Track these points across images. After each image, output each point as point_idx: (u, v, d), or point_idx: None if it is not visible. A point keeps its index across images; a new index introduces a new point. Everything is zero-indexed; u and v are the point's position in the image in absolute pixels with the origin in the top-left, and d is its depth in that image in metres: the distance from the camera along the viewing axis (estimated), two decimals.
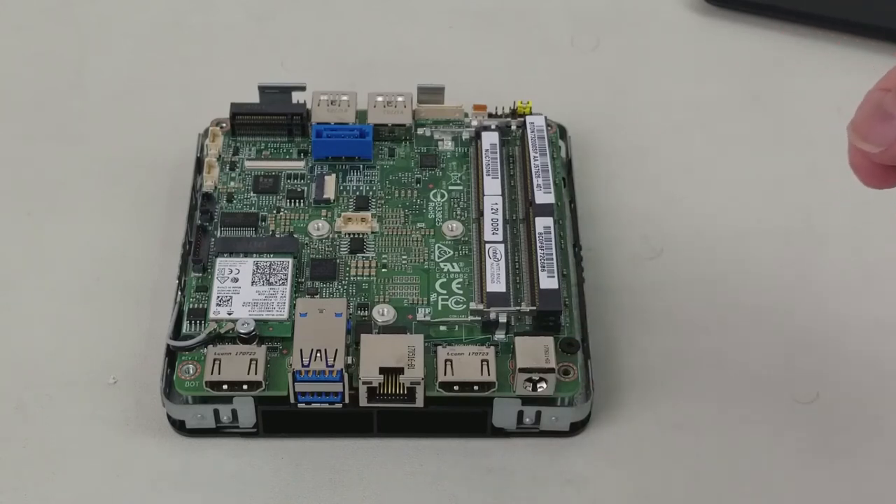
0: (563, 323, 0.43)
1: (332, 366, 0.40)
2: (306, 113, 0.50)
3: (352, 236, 0.46)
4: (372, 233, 0.47)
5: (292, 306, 0.43)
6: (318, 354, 0.41)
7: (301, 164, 0.49)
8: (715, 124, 0.55)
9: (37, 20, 0.59)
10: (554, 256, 0.44)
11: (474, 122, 0.50)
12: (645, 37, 0.59)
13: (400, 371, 0.41)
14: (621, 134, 0.54)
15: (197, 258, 0.45)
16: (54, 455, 0.42)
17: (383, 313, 0.44)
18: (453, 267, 0.46)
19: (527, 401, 0.42)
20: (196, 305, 0.44)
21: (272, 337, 0.43)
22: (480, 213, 0.46)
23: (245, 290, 0.44)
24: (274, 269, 0.45)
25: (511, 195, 0.48)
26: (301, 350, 0.41)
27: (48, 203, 0.51)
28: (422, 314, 0.44)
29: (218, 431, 0.43)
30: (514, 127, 0.50)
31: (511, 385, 0.42)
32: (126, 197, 0.51)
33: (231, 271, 0.45)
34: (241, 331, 0.42)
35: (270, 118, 0.50)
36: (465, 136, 0.50)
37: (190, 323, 0.43)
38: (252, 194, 0.48)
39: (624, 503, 0.42)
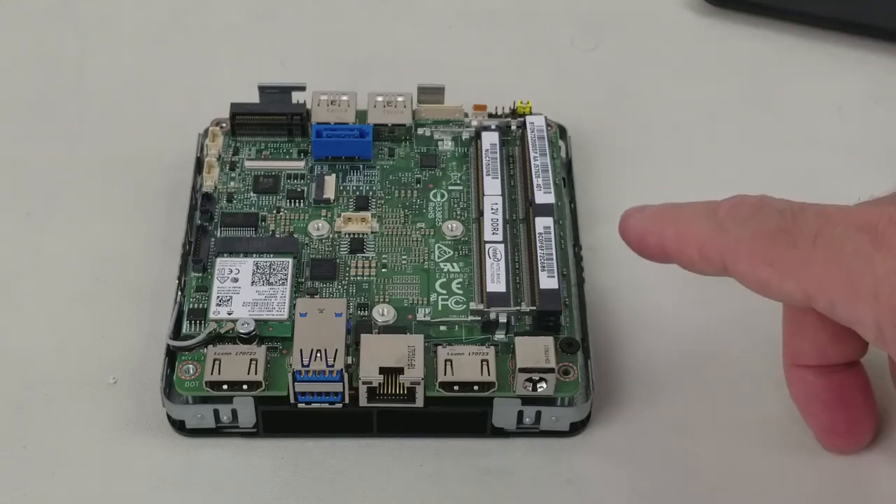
0: (563, 323, 0.43)
1: (332, 366, 0.40)
2: (306, 113, 0.50)
3: (352, 236, 0.47)
4: (372, 233, 0.47)
5: (292, 306, 0.43)
6: (318, 354, 0.41)
7: (301, 164, 0.49)
8: (715, 124, 0.55)
9: (37, 20, 0.59)
10: (554, 256, 0.44)
11: (474, 122, 0.50)
12: (645, 37, 0.59)
13: (400, 371, 0.41)
14: (621, 134, 0.54)
15: (197, 258, 0.45)
16: (54, 455, 0.42)
17: (383, 313, 0.44)
18: (453, 267, 0.46)
19: (527, 401, 0.42)
20: (196, 305, 0.44)
21: (272, 337, 0.43)
22: (480, 213, 0.46)
23: (245, 290, 0.44)
24: (274, 269, 0.45)
25: (511, 195, 0.48)
26: (301, 350, 0.41)
27: (48, 203, 0.51)
28: (422, 314, 0.44)
29: (218, 431, 0.43)
30: (514, 127, 0.50)
31: (511, 385, 0.41)
32: (126, 197, 0.51)
33: (231, 271, 0.45)
34: (241, 331, 0.42)
35: (270, 118, 0.50)
36: (465, 136, 0.50)
37: (190, 323, 0.43)
38: (252, 194, 0.48)
39: (624, 503, 0.42)
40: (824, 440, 0.41)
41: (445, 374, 0.41)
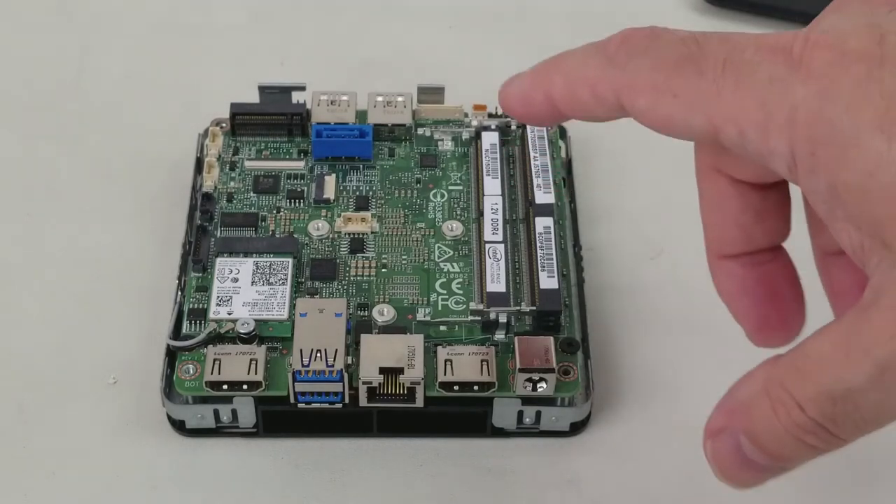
0: (563, 323, 0.43)
1: (332, 366, 0.40)
2: (306, 113, 0.50)
3: (352, 236, 0.47)
4: (372, 233, 0.47)
5: (292, 306, 0.43)
6: (318, 354, 0.41)
7: (301, 164, 0.49)
8: None
9: (37, 20, 0.59)
10: (554, 256, 0.44)
11: (474, 122, 0.50)
12: None
13: (400, 371, 0.41)
14: (621, 134, 0.54)
15: (197, 258, 0.45)
16: (54, 455, 0.42)
17: (383, 313, 0.44)
18: (453, 267, 0.46)
19: (527, 401, 0.42)
20: (196, 305, 0.44)
21: (272, 337, 0.43)
22: (480, 213, 0.46)
23: (245, 290, 0.44)
24: (274, 269, 0.45)
25: (511, 195, 0.48)
26: (301, 350, 0.41)
27: (48, 203, 0.51)
28: (422, 314, 0.44)
29: (218, 431, 0.43)
30: (514, 127, 0.50)
31: (511, 385, 0.42)
32: (126, 197, 0.51)
33: (231, 271, 0.45)
34: (241, 331, 0.42)
35: (270, 118, 0.50)
36: (465, 136, 0.50)
37: (190, 323, 0.43)
38: (252, 194, 0.48)
39: (624, 503, 0.42)
40: (757, 338, 0.38)
41: (445, 374, 0.41)
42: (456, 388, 0.41)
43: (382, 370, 0.41)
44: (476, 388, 0.41)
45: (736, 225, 0.36)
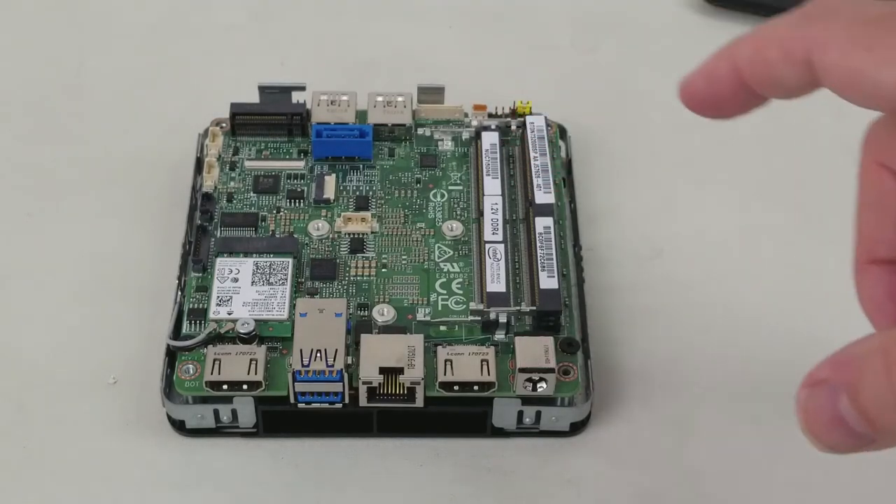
0: (563, 323, 0.43)
1: (332, 366, 0.40)
2: (306, 113, 0.50)
3: (352, 236, 0.47)
4: (372, 233, 0.47)
5: (292, 306, 0.43)
6: (318, 354, 0.41)
7: (301, 164, 0.49)
8: (715, 124, 0.55)
9: (36, 20, 0.59)
10: (554, 256, 0.44)
11: (474, 122, 0.50)
12: (645, 37, 0.59)
13: (400, 371, 0.41)
14: (621, 134, 0.54)
15: (197, 258, 0.45)
16: (54, 455, 0.42)
17: (383, 313, 0.44)
18: (453, 267, 0.46)
19: (527, 401, 0.42)
20: (196, 305, 0.44)
21: (272, 337, 0.43)
22: (480, 213, 0.46)
23: (245, 290, 0.44)
24: (274, 269, 0.45)
25: (511, 195, 0.48)
26: (301, 350, 0.41)
27: (48, 203, 0.51)
28: (422, 314, 0.44)
29: (218, 431, 0.43)
30: (514, 127, 0.50)
31: (511, 385, 0.42)
32: (126, 197, 0.51)
33: (231, 271, 0.45)
34: (241, 331, 0.42)
35: (270, 118, 0.50)
36: (465, 136, 0.50)
37: (190, 323, 0.43)
38: (252, 194, 0.48)
39: (624, 503, 0.42)
40: None
41: (445, 374, 0.41)
42: (456, 388, 0.41)
43: (382, 370, 0.41)
44: (476, 388, 0.41)
45: (895, 226, 0.34)
